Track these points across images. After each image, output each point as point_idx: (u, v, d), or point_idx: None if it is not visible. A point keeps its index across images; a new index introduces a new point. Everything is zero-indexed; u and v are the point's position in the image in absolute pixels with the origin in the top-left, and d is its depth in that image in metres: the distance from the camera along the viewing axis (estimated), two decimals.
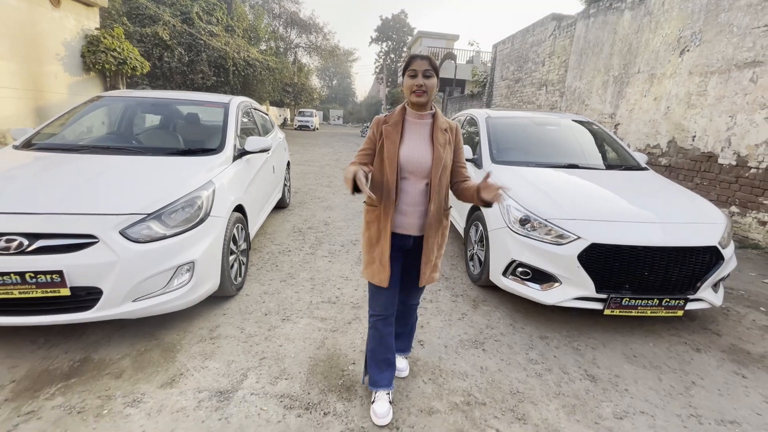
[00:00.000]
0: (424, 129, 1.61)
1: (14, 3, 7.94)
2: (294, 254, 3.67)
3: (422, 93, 1.53)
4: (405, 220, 1.62)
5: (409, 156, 1.57)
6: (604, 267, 2.37)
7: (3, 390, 1.78)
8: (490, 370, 2.12)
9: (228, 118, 3.28)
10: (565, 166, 3.32)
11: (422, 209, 1.62)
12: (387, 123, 1.61)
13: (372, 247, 1.65)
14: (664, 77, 5.73)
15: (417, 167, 1.57)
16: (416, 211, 1.61)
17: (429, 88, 1.53)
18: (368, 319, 1.79)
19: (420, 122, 1.61)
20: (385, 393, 1.78)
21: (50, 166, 2.43)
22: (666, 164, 5.67)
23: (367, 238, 1.67)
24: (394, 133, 1.58)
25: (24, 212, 1.94)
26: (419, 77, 1.52)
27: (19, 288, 1.86)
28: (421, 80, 1.51)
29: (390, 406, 1.76)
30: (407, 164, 1.57)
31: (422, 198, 1.61)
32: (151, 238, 2.07)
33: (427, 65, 1.51)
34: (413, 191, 1.60)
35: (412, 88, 1.54)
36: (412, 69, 1.52)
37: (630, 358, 2.30)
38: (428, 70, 1.51)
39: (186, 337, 2.26)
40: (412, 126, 1.61)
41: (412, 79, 1.53)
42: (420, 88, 1.52)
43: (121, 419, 1.65)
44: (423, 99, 1.55)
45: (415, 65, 1.51)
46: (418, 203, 1.61)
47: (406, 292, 1.82)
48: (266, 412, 1.74)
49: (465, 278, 3.32)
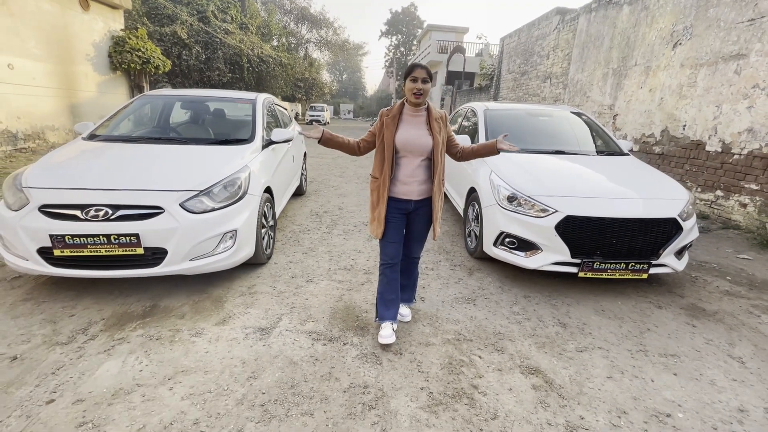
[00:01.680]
0: (420, 120, 2.11)
1: (48, 8, 8.56)
2: (313, 233, 4.16)
3: (420, 95, 2.00)
4: (405, 188, 2.13)
5: (406, 140, 2.06)
6: (578, 236, 2.79)
7: (98, 324, 2.31)
8: (478, 318, 2.58)
9: (256, 112, 3.77)
10: (552, 152, 3.73)
11: (420, 179, 2.12)
12: (387, 116, 2.10)
13: (374, 208, 2.17)
14: (658, 69, 6.03)
15: (415, 148, 2.07)
16: (415, 181, 2.11)
17: (425, 91, 2.01)
18: (379, 267, 2.29)
19: (416, 115, 2.10)
20: (389, 323, 2.27)
21: (119, 153, 2.96)
22: (659, 152, 5.99)
23: (371, 201, 2.19)
24: (392, 124, 2.07)
25: (108, 188, 2.46)
26: (419, 82, 1.98)
27: (105, 247, 2.38)
28: (420, 85, 1.98)
29: (393, 332, 2.25)
30: (404, 146, 2.06)
31: (420, 171, 2.12)
32: (203, 210, 2.57)
33: (425, 74, 1.98)
34: (411, 166, 2.10)
35: (413, 91, 2.00)
36: (413, 75, 1.98)
37: (598, 312, 2.73)
38: (425, 77, 1.98)
39: (230, 292, 2.77)
40: (408, 118, 2.10)
41: (413, 83, 1.99)
42: (419, 91, 1.99)
43: (189, 344, 2.16)
44: (420, 100, 2.03)
45: (416, 73, 1.98)
46: (416, 175, 2.11)
47: (409, 246, 2.32)
48: (299, 342, 2.23)
49: (463, 252, 3.77)
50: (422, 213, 2.21)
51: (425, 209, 2.20)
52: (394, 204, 2.14)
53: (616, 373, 2.08)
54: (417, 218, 2.23)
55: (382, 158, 2.09)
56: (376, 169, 2.14)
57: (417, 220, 2.24)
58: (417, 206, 2.18)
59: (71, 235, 2.34)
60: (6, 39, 7.58)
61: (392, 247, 2.20)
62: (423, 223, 2.25)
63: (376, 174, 2.14)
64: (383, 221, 2.12)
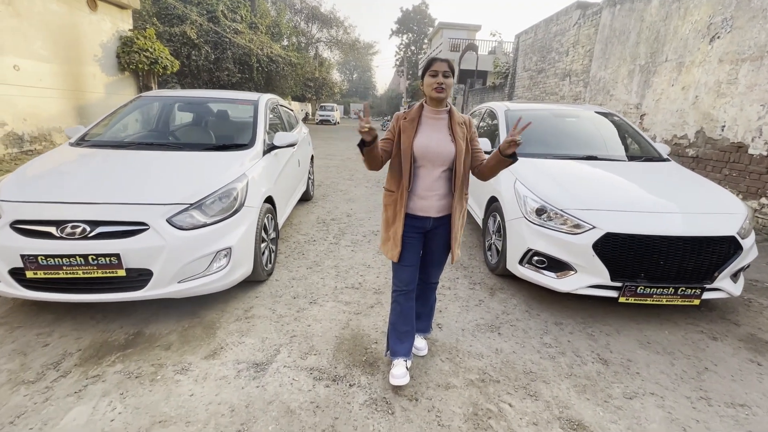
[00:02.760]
0: (441, 123, 1.80)
1: (56, 8, 8.44)
2: (319, 244, 3.86)
3: (442, 90, 1.72)
4: (423, 204, 1.81)
5: (424, 147, 1.75)
6: (619, 256, 2.43)
7: (72, 357, 2.04)
8: (505, 352, 2.24)
9: (258, 114, 3.48)
10: (583, 158, 3.35)
11: (440, 193, 1.81)
12: (405, 119, 1.79)
13: (388, 226, 1.87)
14: (692, 65, 5.58)
15: (435, 156, 1.76)
16: (434, 195, 1.81)
17: (448, 86, 1.72)
18: (391, 294, 1.98)
19: (437, 118, 1.79)
20: (402, 360, 1.95)
21: (104, 161, 2.69)
22: (693, 155, 5.54)
23: (385, 219, 1.90)
24: (410, 128, 1.77)
25: (86, 202, 2.19)
26: (440, 76, 1.71)
27: (82, 269, 2.11)
28: (441, 79, 1.70)
29: (407, 371, 1.93)
30: (423, 154, 1.75)
31: (440, 183, 1.80)
32: (194, 225, 2.29)
33: (446, 67, 1.70)
34: (429, 177, 1.79)
35: (433, 86, 1.72)
36: (433, 69, 1.71)
37: (644, 344, 2.36)
38: (447, 71, 1.71)
39: (224, 316, 2.48)
40: (429, 121, 1.79)
41: (433, 78, 1.72)
42: (440, 86, 1.71)
43: (172, 383, 1.88)
44: (443, 95, 1.73)
45: (436, 66, 1.71)
46: (436, 188, 1.80)
47: (426, 270, 2.02)
48: (298, 382, 1.92)
49: (483, 267, 3.43)
50: (442, 232, 1.90)
51: (445, 228, 1.89)
52: (411, 222, 1.84)
53: (677, 431, 1.72)
54: (436, 238, 1.92)
55: (399, 168, 1.80)
56: (391, 181, 1.85)
57: (436, 241, 1.93)
58: (436, 224, 1.87)
59: (44, 256, 2.08)
60: (12, 40, 7.47)
61: (407, 271, 1.90)
62: (443, 243, 1.93)
63: (391, 187, 1.84)
64: (400, 241, 1.82)
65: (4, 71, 7.34)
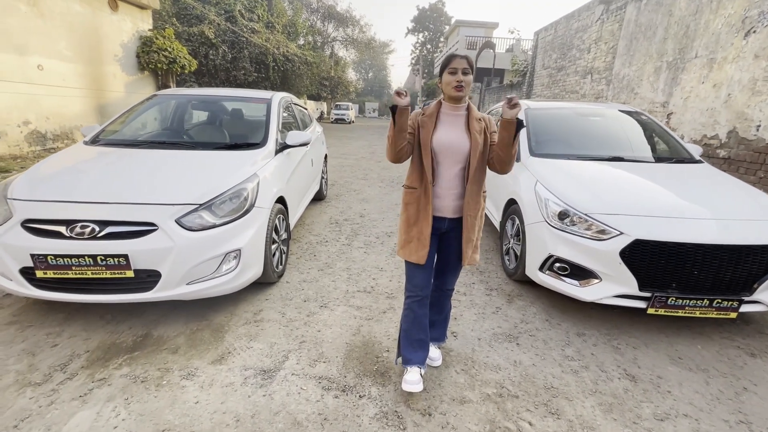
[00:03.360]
0: (459, 120, 1.74)
1: (78, 9, 8.62)
2: (331, 245, 3.79)
3: (461, 88, 1.66)
4: (439, 203, 1.75)
5: (442, 142, 1.70)
6: (649, 264, 2.27)
7: (80, 359, 2.01)
8: (524, 364, 2.12)
9: (270, 113, 3.43)
10: (609, 159, 3.18)
11: (456, 192, 1.75)
12: (424, 114, 1.75)
13: (410, 227, 1.77)
14: (725, 62, 5.28)
15: (452, 152, 1.70)
16: (451, 194, 1.74)
17: (467, 84, 1.66)
18: (404, 301, 1.89)
19: (455, 114, 1.74)
20: (416, 367, 1.85)
21: (116, 161, 2.67)
22: (725, 156, 5.25)
23: (405, 218, 1.80)
24: (429, 123, 1.72)
25: (96, 201, 2.16)
26: (459, 74, 1.65)
27: (91, 269, 2.08)
28: (460, 76, 1.65)
29: (421, 377, 1.84)
30: (441, 149, 1.70)
31: (457, 182, 1.74)
32: (203, 226, 2.24)
33: (466, 64, 1.65)
34: (447, 175, 1.73)
35: (453, 84, 1.66)
36: (452, 67, 1.65)
37: (675, 360, 2.20)
38: (466, 68, 1.65)
39: (233, 319, 2.43)
40: (447, 117, 1.74)
41: (452, 75, 1.66)
42: (460, 83, 1.65)
43: (178, 389, 1.83)
44: (462, 93, 1.68)
45: (455, 63, 1.65)
46: (453, 187, 1.74)
47: (442, 276, 1.94)
48: (306, 391, 1.85)
49: (500, 272, 3.29)
50: (457, 235, 1.81)
51: (460, 231, 1.79)
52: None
53: None
54: (452, 241, 1.83)
55: (420, 163, 1.74)
56: (412, 177, 1.77)
57: (452, 244, 1.83)
58: (451, 226, 1.80)
59: (54, 255, 2.05)
60: (37, 40, 7.65)
61: (422, 275, 1.82)
62: (459, 247, 1.82)
63: (413, 183, 1.76)
64: (428, 241, 1.73)
65: (28, 71, 7.53)
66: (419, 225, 1.75)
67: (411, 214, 1.78)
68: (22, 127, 7.52)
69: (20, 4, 7.31)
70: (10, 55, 7.16)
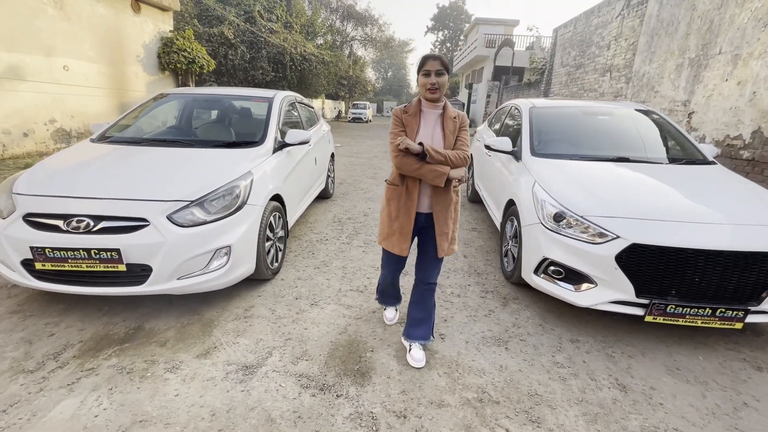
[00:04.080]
0: (437, 118, 1.82)
1: (102, 11, 8.95)
2: (331, 243, 3.80)
3: (435, 90, 1.73)
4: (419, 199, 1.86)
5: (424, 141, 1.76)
6: (647, 270, 2.17)
7: (73, 348, 2.09)
8: (510, 370, 2.06)
9: (271, 112, 3.46)
10: (614, 160, 3.06)
11: (431, 189, 1.83)
12: (407, 113, 1.83)
13: (392, 221, 1.90)
14: (750, 58, 5.00)
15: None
16: (425, 192, 1.85)
17: (441, 85, 1.72)
18: (380, 275, 2.26)
19: (434, 112, 1.83)
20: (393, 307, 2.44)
21: (117, 158, 2.76)
22: (749, 157, 4.97)
23: (387, 213, 1.92)
24: (413, 123, 1.80)
25: (92, 197, 2.23)
26: (432, 76, 1.70)
27: (86, 262, 2.15)
28: (434, 78, 1.70)
29: (396, 312, 2.44)
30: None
31: None
32: (194, 222, 2.28)
33: (439, 65, 1.69)
34: None
35: (427, 86, 1.73)
36: (425, 69, 1.71)
37: (672, 371, 2.10)
38: (440, 70, 1.70)
39: (223, 315, 2.46)
40: (427, 116, 1.82)
41: (426, 77, 1.72)
42: (433, 86, 1.72)
43: (160, 382, 1.87)
44: (436, 95, 1.75)
45: (428, 65, 1.70)
46: (428, 184, 1.81)
47: (423, 270, 2.02)
48: (284, 388, 1.86)
49: (498, 274, 3.23)
50: (434, 230, 1.91)
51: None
52: None
53: None
54: (430, 235, 1.93)
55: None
56: (396, 174, 1.87)
57: (429, 238, 1.94)
58: (427, 221, 1.91)
59: (51, 248, 2.13)
60: (63, 42, 7.99)
61: (398, 262, 2.08)
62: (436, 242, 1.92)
63: (396, 180, 1.87)
64: (409, 234, 1.88)
65: (54, 72, 7.88)
66: (401, 220, 1.86)
67: (392, 210, 1.88)
68: (48, 125, 7.87)
69: (48, 7, 7.65)
70: (37, 57, 7.50)
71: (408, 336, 2.12)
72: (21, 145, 7.36)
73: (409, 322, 2.13)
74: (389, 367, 2.03)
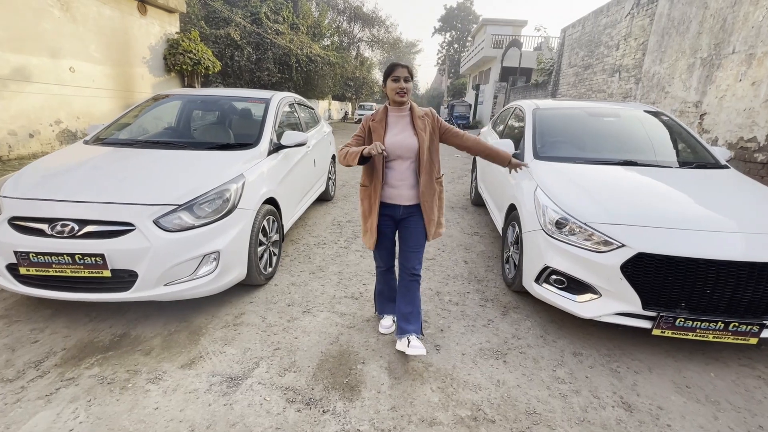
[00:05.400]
0: (405, 121, 1.98)
1: (109, 13, 9.00)
2: (328, 247, 3.72)
3: (404, 94, 1.91)
4: (394, 192, 2.00)
5: (393, 143, 1.93)
6: (654, 281, 2.05)
7: (55, 356, 2.03)
8: (508, 385, 1.96)
9: (267, 113, 3.39)
10: (620, 163, 2.94)
11: (409, 183, 1.99)
12: (374, 120, 1.98)
13: (366, 219, 2.09)
14: (766, 57, 4.82)
15: (404, 151, 1.94)
16: (404, 185, 1.99)
17: (408, 90, 1.91)
18: (375, 270, 2.33)
19: (401, 115, 1.99)
20: (390, 316, 2.38)
21: (107, 160, 2.71)
22: (764, 161, 4.79)
23: (362, 212, 2.11)
24: (380, 128, 1.96)
25: (77, 200, 2.18)
26: (401, 82, 1.89)
27: (70, 267, 2.10)
28: (402, 84, 1.89)
29: (393, 323, 2.36)
30: (392, 149, 1.94)
31: (408, 174, 1.98)
32: (182, 227, 2.21)
33: (406, 72, 1.89)
34: (400, 169, 1.98)
35: (396, 90, 1.90)
36: (395, 75, 1.89)
37: (681, 388, 1.98)
38: (407, 77, 1.90)
39: (213, 322, 2.39)
40: (394, 120, 1.99)
41: (396, 83, 1.90)
42: (402, 90, 1.90)
43: (141, 393, 1.80)
44: (405, 98, 1.92)
45: (397, 72, 1.88)
46: (405, 178, 1.99)
47: (405, 258, 2.10)
48: (269, 402, 1.77)
49: (499, 281, 3.11)
50: (414, 220, 2.06)
51: (417, 216, 2.05)
52: (383, 210, 2.05)
53: None
54: (410, 225, 2.07)
55: (371, 165, 2.00)
56: (365, 176, 2.06)
57: (410, 228, 2.07)
58: (407, 212, 2.05)
59: (35, 253, 2.08)
60: (69, 44, 8.04)
61: (383, 254, 2.21)
62: (417, 231, 2.07)
63: (365, 182, 2.06)
64: (375, 232, 2.06)
65: (60, 73, 7.93)
66: (371, 218, 2.03)
67: (366, 209, 2.07)
68: (54, 126, 7.93)
69: (54, 9, 7.70)
70: (44, 58, 7.55)
71: (401, 331, 2.13)
72: (27, 146, 7.41)
73: (399, 318, 2.15)
74: (380, 381, 1.94)
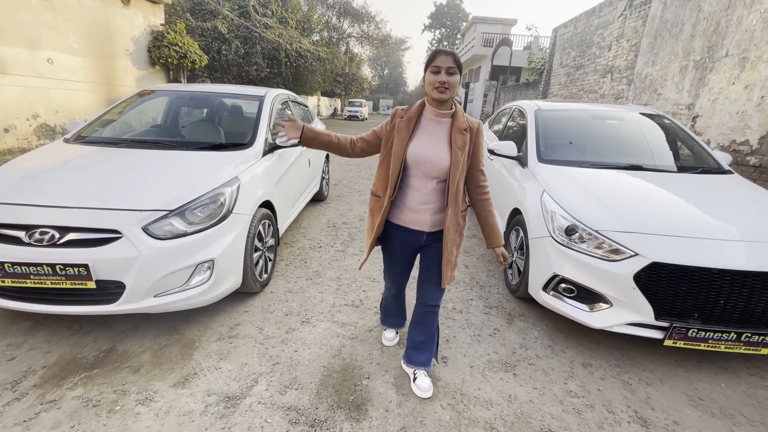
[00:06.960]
0: (442, 128, 1.59)
1: (89, 2, 8.62)
2: (324, 251, 3.60)
3: (444, 90, 1.50)
4: (416, 217, 1.66)
5: (419, 154, 1.56)
6: (667, 291, 2.00)
7: (34, 375, 1.87)
8: (520, 400, 1.88)
9: (261, 112, 3.24)
10: (626, 168, 2.89)
11: (434, 207, 1.64)
12: (402, 117, 1.60)
13: (368, 234, 1.80)
14: (759, 61, 4.87)
15: (430, 167, 1.57)
16: (427, 209, 1.64)
17: (452, 86, 1.49)
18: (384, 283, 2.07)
19: (439, 120, 1.59)
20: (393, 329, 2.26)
21: (90, 161, 2.52)
22: (756, 164, 4.85)
23: (369, 225, 1.80)
24: (405, 130, 1.58)
25: (57, 206, 2.00)
26: (442, 74, 1.48)
27: (50, 279, 1.93)
28: (444, 77, 1.48)
29: (396, 335, 2.27)
30: (415, 162, 1.57)
31: (435, 197, 1.62)
32: (173, 234, 2.06)
33: (452, 62, 1.47)
34: (423, 189, 1.61)
35: (435, 84, 1.50)
36: (435, 65, 1.48)
37: (695, 401, 1.93)
38: (452, 67, 1.47)
39: (206, 334, 2.26)
40: (429, 124, 1.60)
41: (435, 75, 1.49)
42: (443, 85, 1.49)
43: (130, 417, 1.66)
44: (445, 96, 1.51)
45: (438, 61, 1.47)
46: (430, 201, 1.62)
47: (424, 290, 1.83)
48: (270, 425, 1.66)
49: (502, 287, 3.05)
50: (439, 248, 1.70)
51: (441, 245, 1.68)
52: (400, 235, 1.73)
53: None
54: (433, 254, 1.72)
55: (386, 173, 1.65)
56: (378, 184, 1.72)
57: (433, 257, 1.73)
58: (431, 240, 1.71)
59: (11, 263, 1.91)
60: (47, 34, 7.67)
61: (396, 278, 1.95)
62: (440, 261, 1.71)
63: (379, 192, 1.72)
64: (368, 251, 1.80)
65: (38, 65, 7.56)
66: (371, 239, 1.76)
67: (371, 223, 1.76)
68: (31, 121, 7.56)
69: None
70: (20, 49, 7.18)
71: (409, 360, 1.94)
72: (2, 141, 7.05)
73: (409, 345, 1.94)
74: (387, 398, 1.84)
